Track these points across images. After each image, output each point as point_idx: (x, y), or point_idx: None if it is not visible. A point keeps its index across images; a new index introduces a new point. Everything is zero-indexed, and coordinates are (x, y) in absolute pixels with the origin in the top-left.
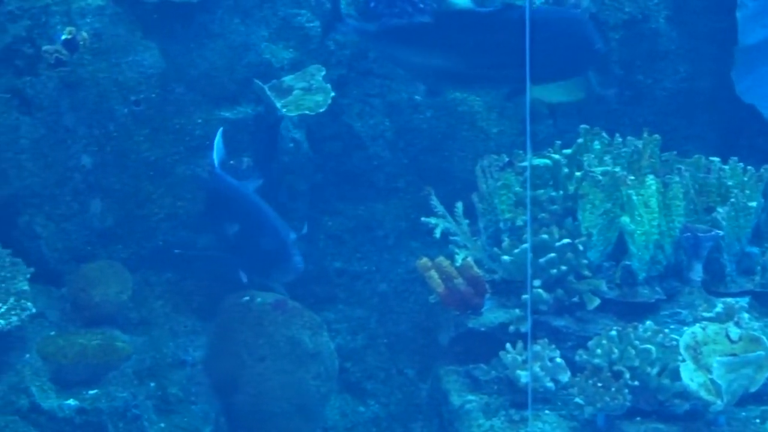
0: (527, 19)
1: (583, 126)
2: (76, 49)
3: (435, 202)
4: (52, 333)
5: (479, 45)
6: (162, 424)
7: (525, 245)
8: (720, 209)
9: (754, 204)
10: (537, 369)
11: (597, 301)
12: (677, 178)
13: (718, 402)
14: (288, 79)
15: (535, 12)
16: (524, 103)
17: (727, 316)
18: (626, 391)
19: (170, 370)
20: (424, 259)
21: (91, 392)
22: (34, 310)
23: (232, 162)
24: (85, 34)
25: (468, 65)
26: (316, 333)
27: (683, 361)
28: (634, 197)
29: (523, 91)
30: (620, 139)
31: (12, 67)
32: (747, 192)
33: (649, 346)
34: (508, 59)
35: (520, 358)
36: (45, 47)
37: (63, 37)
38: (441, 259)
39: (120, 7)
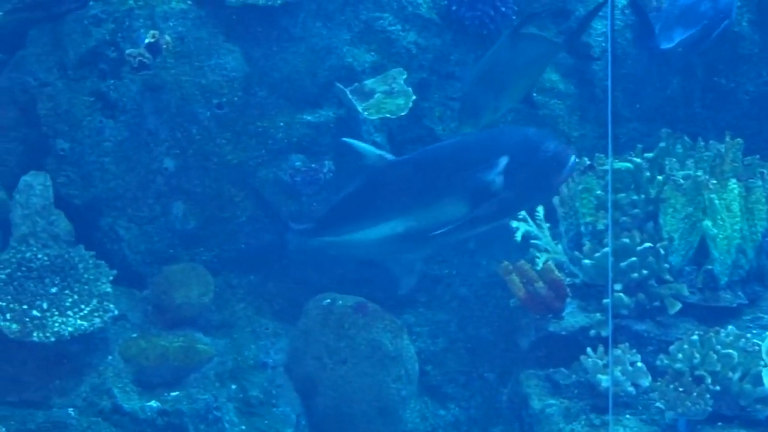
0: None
1: (665, 129)
2: (159, 53)
3: None
4: (135, 335)
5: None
6: (243, 427)
7: (606, 249)
8: None
9: None
10: (618, 373)
11: (678, 306)
12: (760, 182)
13: None
14: (369, 83)
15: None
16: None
17: None
18: (708, 396)
19: (251, 373)
20: (505, 263)
21: (173, 394)
22: (116, 312)
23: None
24: (168, 38)
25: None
26: (396, 336)
27: (765, 365)
28: (717, 201)
29: None
30: (702, 143)
31: (96, 70)
32: None
33: (730, 350)
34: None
35: (600, 363)
36: (128, 51)
37: (146, 40)
38: (522, 262)
39: (203, 10)
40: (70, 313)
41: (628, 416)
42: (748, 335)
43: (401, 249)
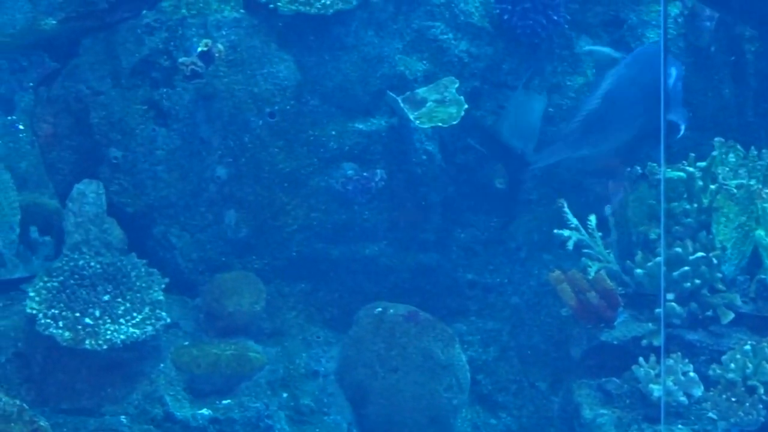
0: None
1: (717, 139)
2: (211, 61)
3: (568, 214)
4: (186, 343)
5: None
6: None
7: (658, 258)
8: None
9: None
10: (670, 383)
11: (731, 315)
12: None
13: None
14: (421, 91)
15: None
16: None
17: None
18: (760, 406)
19: (303, 381)
20: (557, 272)
21: (225, 402)
22: (168, 320)
23: None
24: (220, 46)
25: None
26: (448, 345)
27: None
28: None
29: None
30: (755, 152)
31: (149, 79)
32: None
33: None
34: None
35: (653, 372)
36: (181, 59)
37: (199, 49)
38: (574, 271)
39: (255, 19)
40: (122, 320)
41: (680, 426)
42: None
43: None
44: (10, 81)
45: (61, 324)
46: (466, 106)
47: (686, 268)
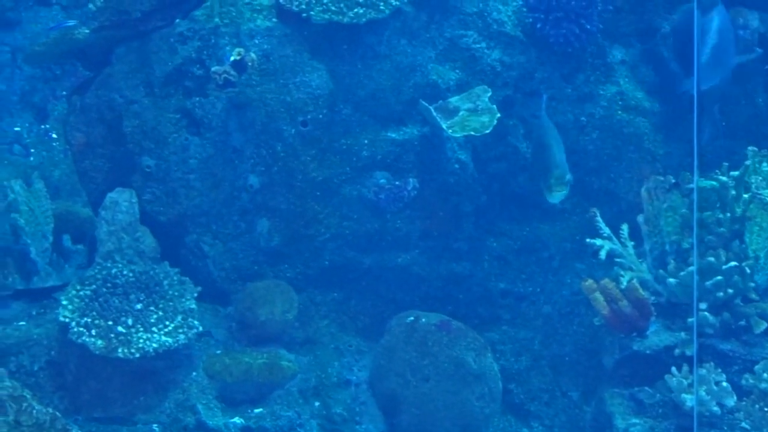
0: None
1: (751, 148)
2: (244, 70)
3: (600, 223)
4: (219, 351)
5: None
6: None
7: (691, 268)
8: None
9: None
10: (703, 393)
11: (764, 325)
12: None
13: None
14: (454, 100)
15: None
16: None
17: None
18: None
19: (335, 390)
20: (589, 281)
21: (257, 410)
22: (201, 329)
23: None
24: (253, 55)
25: None
26: (480, 354)
27: None
28: None
29: None
30: None
31: (182, 88)
32: None
33: None
34: None
35: (685, 382)
36: (214, 68)
37: (232, 58)
38: (606, 281)
39: (288, 28)
40: (154, 329)
41: None
42: None
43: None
44: (43, 90)
45: (93, 332)
46: (498, 114)
47: (719, 277)
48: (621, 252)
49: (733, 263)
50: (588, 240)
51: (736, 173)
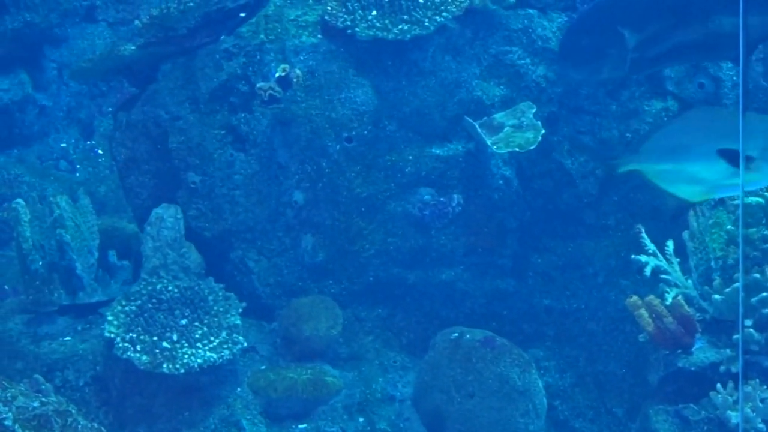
0: None
1: None
2: (289, 86)
3: (645, 240)
4: (263, 367)
5: None
6: None
7: (737, 284)
8: None
9: None
10: (748, 410)
11: None
12: None
13: None
14: (499, 116)
15: None
16: None
17: None
18: None
19: (379, 406)
20: (634, 298)
21: (301, 426)
22: (245, 344)
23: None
24: (298, 72)
25: None
26: (524, 370)
27: None
28: None
29: None
30: None
31: (227, 104)
32: None
33: None
34: None
35: (731, 399)
36: (259, 84)
37: (277, 74)
38: (651, 297)
39: (333, 44)
40: (199, 344)
41: None
42: None
43: None
44: (89, 106)
45: (138, 348)
46: (543, 131)
47: (764, 294)
48: (666, 268)
49: None
50: (633, 256)
51: None
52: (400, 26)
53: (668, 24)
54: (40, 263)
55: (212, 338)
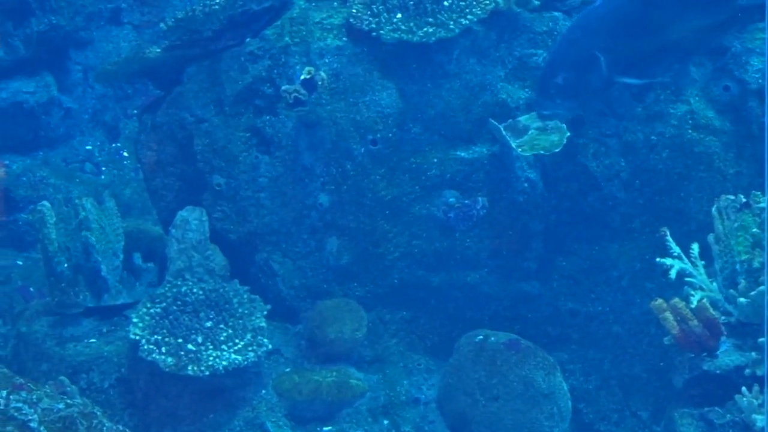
0: None
1: None
2: (314, 89)
3: (670, 243)
4: (288, 369)
5: None
6: None
7: (762, 287)
8: None
9: None
10: None
11: None
12: None
13: None
14: (524, 119)
15: None
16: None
17: None
18: None
19: (404, 408)
20: (659, 301)
21: (326, 429)
22: (270, 347)
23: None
24: (323, 74)
25: None
26: (549, 373)
27: None
28: None
29: None
30: None
31: (252, 106)
32: None
33: None
34: None
35: (756, 402)
36: (284, 87)
37: (302, 77)
38: (676, 300)
39: (358, 47)
40: (224, 347)
41: None
42: None
43: None
44: (115, 109)
45: (163, 350)
46: (568, 134)
47: None
48: (691, 271)
49: None
50: (658, 259)
51: None
52: (425, 29)
53: (630, 39)
54: (66, 265)
55: (237, 340)
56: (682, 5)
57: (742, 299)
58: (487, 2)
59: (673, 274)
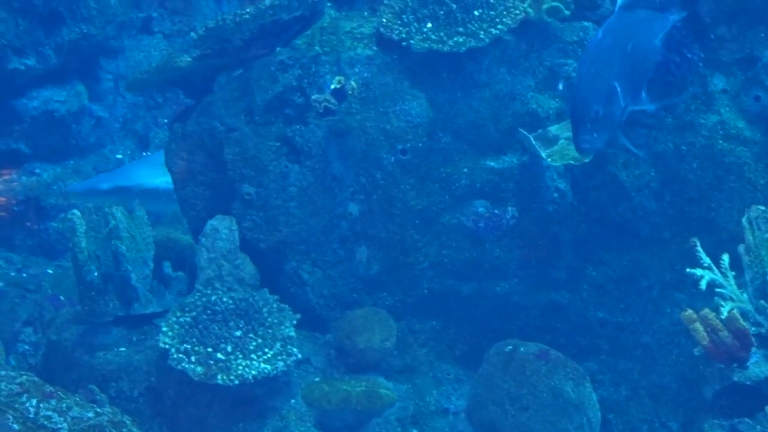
0: None
1: None
2: (344, 98)
3: (701, 253)
4: (317, 379)
5: None
6: None
7: None
8: None
9: None
10: None
11: None
12: None
13: None
14: (554, 129)
15: None
16: None
17: None
18: None
19: (433, 418)
20: (689, 311)
21: None
22: (299, 356)
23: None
24: (353, 84)
25: None
26: (579, 384)
27: None
28: None
29: None
30: None
31: (282, 115)
32: None
33: None
34: None
35: None
36: (314, 96)
37: (332, 86)
38: (706, 311)
39: (388, 56)
40: (254, 356)
41: None
42: None
43: None
44: (145, 118)
45: (193, 359)
46: None
47: None
48: (721, 282)
49: None
50: (688, 270)
51: None
52: (455, 38)
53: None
54: (96, 274)
55: (266, 350)
56: None
57: None
58: (518, 12)
59: (703, 284)
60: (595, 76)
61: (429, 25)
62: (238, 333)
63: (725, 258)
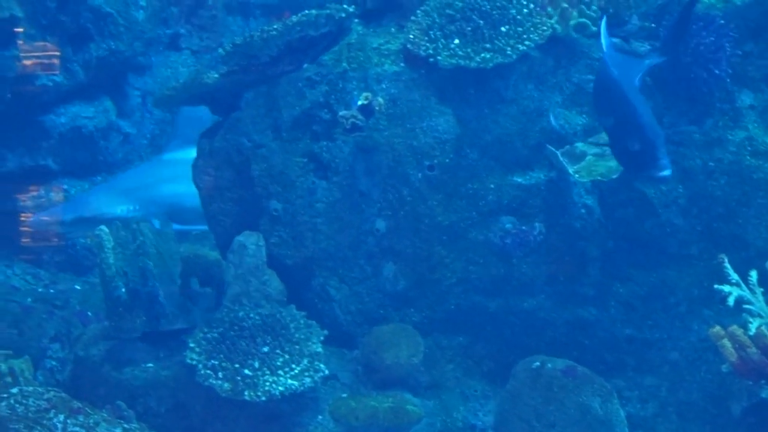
0: None
1: None
2: (371, 115)
3: (729, 269)
4: (344, 395)
5: None
6: None
7: None
8: None
9: None
10: None
11: None
12: None
13: None
14: (581, 145)
15: None
16: None
17: None
18: None
19: None
20: (717, 328)
21: None
22: (327, 372)
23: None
24: (381, 100)
25: None
26: (606, 400)
27: None
28: None
29: None
30: None
31: (309, 132)
32: None
33: None
34: None
35: None
36: (342, 112)
37: (359, 102)
38: (734, 327)
39: (415, 73)
40: (281, 372)
41: None
42: None
43: None
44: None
45: (220, 375)
46: None
47: None
48: (749, 298)
49: None
50: (716, 286)
51: None
52: (482, 54)
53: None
54: (123, 290)
55: (294, 366)
56: None
57: None
58: (545, 28)
59: (731, 301)
60: (643, 102)
61: (456, 41)
62: (266, 349)
63: (753, 274)
